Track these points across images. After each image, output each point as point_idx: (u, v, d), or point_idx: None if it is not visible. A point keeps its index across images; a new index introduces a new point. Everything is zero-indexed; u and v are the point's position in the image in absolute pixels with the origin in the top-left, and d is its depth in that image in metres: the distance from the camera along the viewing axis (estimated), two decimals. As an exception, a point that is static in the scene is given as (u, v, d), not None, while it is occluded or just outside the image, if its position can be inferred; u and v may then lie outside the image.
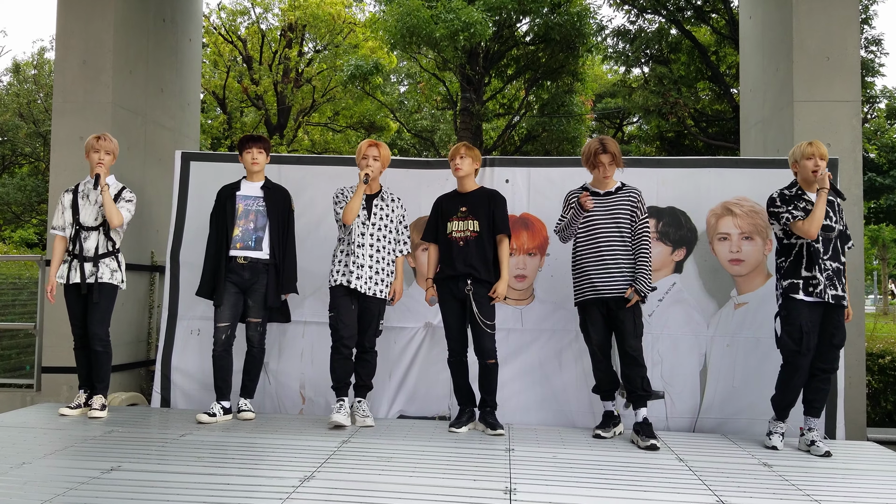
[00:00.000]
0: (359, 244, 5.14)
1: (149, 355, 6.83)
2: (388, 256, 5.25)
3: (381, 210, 5.25)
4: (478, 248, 5.11)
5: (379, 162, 5.22)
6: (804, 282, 4.72)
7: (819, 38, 6.34)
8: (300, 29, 22.91)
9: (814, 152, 4.77)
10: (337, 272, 5.20)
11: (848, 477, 4.18)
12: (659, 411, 5.54)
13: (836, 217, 4.79)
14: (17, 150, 23.25)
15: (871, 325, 10.44)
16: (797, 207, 4.74)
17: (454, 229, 5.17)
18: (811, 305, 4.69)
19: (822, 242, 4.73)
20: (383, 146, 5.29)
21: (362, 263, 5.11)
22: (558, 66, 17.53)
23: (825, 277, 4.69)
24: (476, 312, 5.03)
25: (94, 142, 5.26)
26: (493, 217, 5.17)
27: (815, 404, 4.81)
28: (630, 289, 4.87)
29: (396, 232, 5.31)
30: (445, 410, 5.74)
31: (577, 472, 4.06)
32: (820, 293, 4.67)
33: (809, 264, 4.72)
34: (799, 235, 4.71)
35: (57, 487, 3.48)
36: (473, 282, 5.07)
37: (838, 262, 4.77)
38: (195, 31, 8.17)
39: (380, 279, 5.17)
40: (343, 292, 5.15)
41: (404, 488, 3.63)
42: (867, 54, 17.99)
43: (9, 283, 8.15)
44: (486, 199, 5.23)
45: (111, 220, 5.19)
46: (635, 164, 5.94)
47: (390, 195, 5.36)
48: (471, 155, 5.23)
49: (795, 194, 4.84)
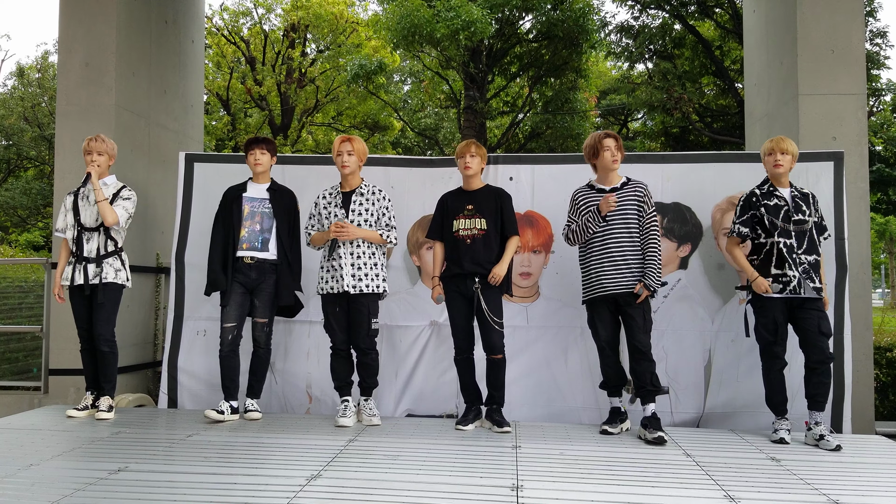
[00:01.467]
0: (339, 243, 5.14)
1: (155, 357, 6.83)
2: (370, 250, 5.20)
3: (359, 206, 5.22)
4: (485, 246, 5.10)
5: (354, 156, 5.21)
6: (773, 279, 4.83)
7: (824, 31, 6.31)
8: (303, 29, 22.93)
9: (773, 148, 4.94)
10: (322, 279, 5.24)
11: (856, 471, 4.17)
12: (664, 407, 5.52)
13: (811, 210, 4.88)
14: (23, 153, 23.31)
15: (878, 319, 10.40)
16: (754, 216, 4.94)
17: (461, 227, 5.15)
18: (781, 299, 4.81)
19: (796, 236, 4.83)
20: (357, 140, 5.27)
21: (343, 263, 5.11)
22: (562, 63, 17.49)
23: (801, 271, 4.78)
24: (485, 309, 5.01)
25: (86, 144, 5.34)
26: (502, 216, 5.17)
27: (817, 398, 4.80)
28: (639, 284, 4.86)
29: (378, 225, 5.23)
30: (453, 409, 5.73)
31: (585, 469, 4.05)
32: (794, 289, 4.76)
33: (779, 263, 4.82)
34: (768, 234, 4.88)
35: (65, 488, 3.49)
36: (481, 280, 5.06)
37: (815, 255, 4.84)
38: (197, 33, 8.17)
39: (363, 274, 5.13)
40: (328, 299, 5.20)
41: (411, 486, 3.63)
42: (872, 47, 17.93)
43: (15, 286, 8.17)
44: (493, 197, 5.23)
45: (104, 218, 5.20)
46: (640, 159, 5.93)
47: (370, 188, 5.30)
48: (479, 153, 5.22)
49: (767, 191, 4.97)
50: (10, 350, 7.59)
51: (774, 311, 4.84)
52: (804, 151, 5.64)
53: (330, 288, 5.16)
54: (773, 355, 4.89)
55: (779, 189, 4.94)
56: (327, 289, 5.18)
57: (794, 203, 4.88)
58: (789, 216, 4.84)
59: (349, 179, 5.27)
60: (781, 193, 4.91)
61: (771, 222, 4.87)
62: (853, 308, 5.58)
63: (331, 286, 5.16)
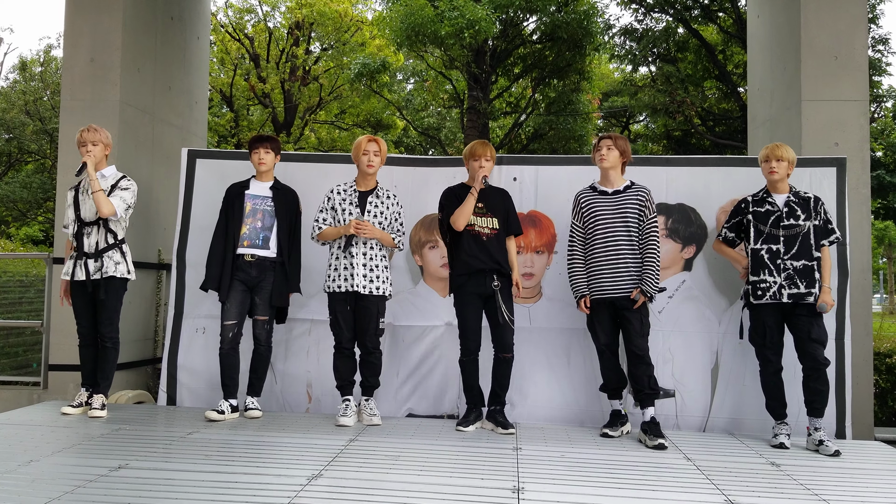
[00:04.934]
0: (354, 241, 5.14)
1: (155, 353, 6.83)
2: (381, 252, 5.22)
3: (375, 207, 5.24)
4: (499, 245, 5.12)
5: (379, 157, 5.24)
6: (752, 286, 4.91)
7: (827, 37, 6.32)
8: (307, 27, 22.93)
9: (768, 155, 5.00)
10: (329, 277, 5.23)
11: (856, 476, 4.17)
12: (669, 410, 5.52)
13: (809, 214, 4.89)
14: (24, 147, 23.30)
15: (877, 325, 10.41)
16: (740, 222, 5.07)
17: (477, 223, 5.14)
18: (772, 304, 4.85)
19: (785, 241, 4.87)
20: (381, 141, 5.30)
21: (356, 262, 5.12)
22: (565, 65, 17.51)
23: (784, 277, 4.81)
24: (502, 307, 5.04)
25: (80, 135, 5.24)
26: (508, 216, 5.22)
27: (815, 404, 4.81)
28: (636, 290, 4.86)
29: (390, 229, 5.28)
30: (454, 409, 5.73)
31: (585, 471, 4.06)
32: (774, 295, 4.81)
33: (757, 269, 4.90)
34: (748, 242, 5.00)
35: (65, 485, 3.49)
36: (499, 276, 5.08)
37: (806, 260, 4.83)
38: (203, 30, 8.17)
39: (374, 276, 5.14)
40: (338, 297, 5.18)
41: (412, 487, 3.63)
42: (874, 53, 17.95)
43: (16, 280, 8.16)
44: (500, 197, 5.27)
45: (99, 209, 5.09)
46: (644, 162, 5.92)
47: (385, 192, 5.34)
48: (492, 154, 5.25)
49: (761, 197, 5.03)
50: (9, 345, 7.59)
51: (764, 316, 4.88)
52: (807, 157, 5.65)
53: (337, 287, 5.15)
54: (765, 359, 4.93)
55: (773, 195, 4.98)
56: (335, 287, 5.17)
57: (788, 208, 4.89)
58: (779, 221, 4.86)
59: (368, 180, 5.28)
60: (775, 199, 4.96)
61: (756, 228, 4.93)
62: (853, 314, 5.58)
63: (338, 284, 5.15)
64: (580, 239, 5.14)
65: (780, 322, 4.89)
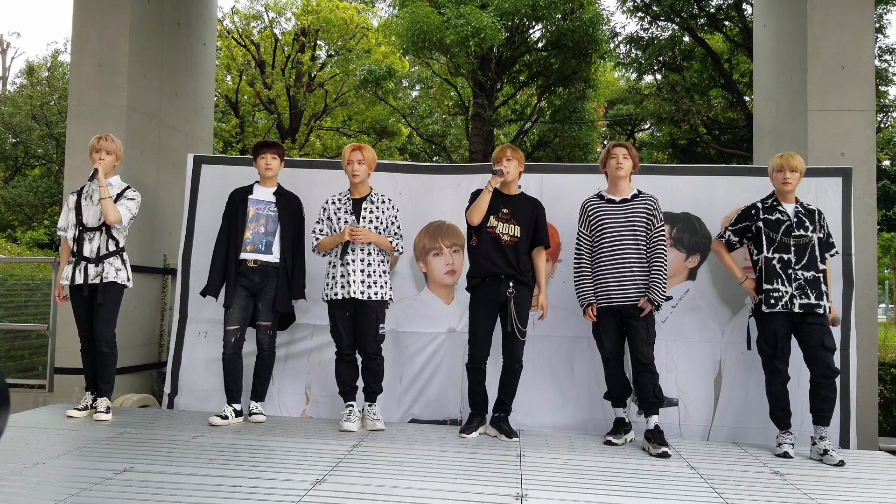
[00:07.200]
0: (350, 248, 5.15)
1: (160, 357, 6.85)
2: (379, 257, 5.22)
3: (370, 213, 5.25)
4: (517, 254, 5.06)
5: (364, 165, 5.23)
6: (765, 295, 4.88)
7: (833, 47, 6.33)
8: (313, 33, 22.97)
9: (782, 165, 4.99)
10: (328, 286, 5.24)
11: (859, 486, 4.16)
12: (672, 419, 5.51)
13: (815, 226, 4.92)
14: (30, 151, 23.37)
15: (882, 335, 10.39)
16: (748, 228, 5.08)
17: (498, 228, 5.09)
18: (783, 313, 4.84)
19: (796, 251, 4.88)
20: (367, 148, 5.28)
21: (352, 269, 5.12)
22: (571, 73, 17.52)
23: (795, 287, 4.82)
24: (514, 318, 4.98)
25: (95, 142, 5.32)
26: (537, 227, 5.14)
27: (822, 413, 4.80)
28: (643, 298, 4.86)
29: (387, 233, 5.27)
30: (457, 414, 5.73)
31: (588, 479, 4.06)
32: (786, 304, 4.81)
33: (770, 278, 4.89)
34: (759, 251, 4.97)
35: (71, 488, 3.50)
36: (515, 284, 5.03)
37: (815, 271, 4.84)
38: (209, 36, 8.21)
39: (372, 282, 5.15)
40: (337, 304, 5.19)
41: (416, 493, 3.64)
42: (881, 63, 17.93)
43: (22, 284, 8.19)
44: (529, 206, 5.19)
45: (106, 216, 5.16)
46: (649, 170, 5.93)
47: (380, 197, 5.33)
48: (516, 157, 5.13)
49: (771, 205, 5.03)
50: (15, 348, 7.62)
51: (775, 325, 4.86)
52: (812, 167, 5.65)
53: (335, 294, 5.17)
54: (773, 369, 4.90)
55: (783, 204, 4.99)
56: (332, 294, 5.19)
57: (798, 218, 4.91)
58: (790, 231, 4.87)
59: (359, 187, 5.29)
60: (785, 209, 4.97)
61: (769, 237, 4.92)
62: (858, 324, 5.57)
63: (335, 292, 5.17)
64: (587, 247, 5.14)
65: (789, 332, 4.89)
